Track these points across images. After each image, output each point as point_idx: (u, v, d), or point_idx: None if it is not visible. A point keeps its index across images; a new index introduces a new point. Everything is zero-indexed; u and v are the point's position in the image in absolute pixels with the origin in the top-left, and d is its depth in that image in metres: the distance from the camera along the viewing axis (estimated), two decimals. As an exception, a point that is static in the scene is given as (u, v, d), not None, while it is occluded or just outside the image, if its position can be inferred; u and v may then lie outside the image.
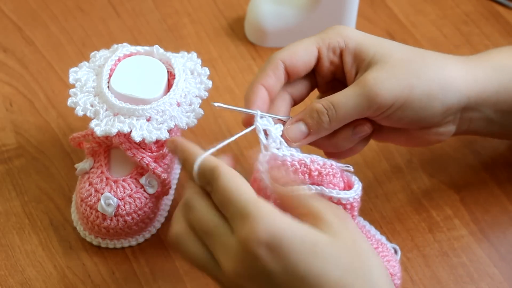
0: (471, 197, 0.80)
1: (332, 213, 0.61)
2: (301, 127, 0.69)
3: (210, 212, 0.61)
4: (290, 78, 0.71)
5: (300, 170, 0.66)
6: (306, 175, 0.66)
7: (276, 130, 0.68)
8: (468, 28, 0.95)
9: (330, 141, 0.71)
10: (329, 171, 0.66)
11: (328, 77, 0.73)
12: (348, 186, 0.68)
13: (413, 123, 0.71)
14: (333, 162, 0.67)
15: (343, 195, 0.66)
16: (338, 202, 0.66)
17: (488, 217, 0.79)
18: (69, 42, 0.92)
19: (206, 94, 0.75)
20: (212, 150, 0.63)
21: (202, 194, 0.62)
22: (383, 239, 0.74)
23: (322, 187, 0.66)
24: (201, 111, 0.74)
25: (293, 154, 0.66)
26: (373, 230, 0.74)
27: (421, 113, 0.70)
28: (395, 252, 0.74)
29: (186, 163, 0.63)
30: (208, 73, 0.76)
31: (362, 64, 0.70)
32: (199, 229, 0.61)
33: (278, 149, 0.67)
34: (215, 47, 0.92)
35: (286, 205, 0.62)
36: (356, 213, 0.68)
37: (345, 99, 0.68)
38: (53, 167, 0.81)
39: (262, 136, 0.67)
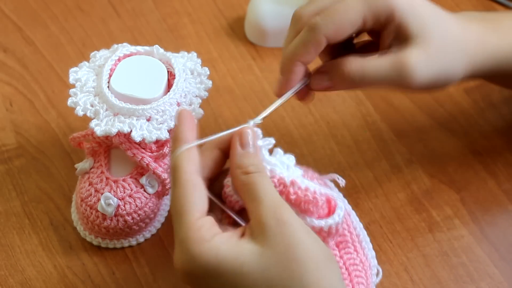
0: (471, 197, 0.80)
1: (273, 216, 0.60)
2: (325, 80, 0.69)
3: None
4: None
5: (277, 188, 0.64)
6: (283, 196, 0.64)
7: (264, 142, 0.65)
8: (468, 28, 0.95)
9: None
10: (308, 199, 0.64)
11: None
12: (332, 211, 0.66)
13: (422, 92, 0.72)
14: (318, 189, 0.65)
15: (319, 223, 0.64)
16: (314, 228, 0.64)
17: (488, 217, 0.79)
18: (69, 42, 0.92)
19: (206, 94, 0.75)
20: (195, 143, 0.63)
21: None
22: (373, 256, 0.71)
23: (296, 210, 0.64)
24: (201, 111, 0.74)
25: (273, 170, 0.64)
26: (366, 243, 0.72)
27: (435, 89, 0.71)
28: (377, 274, 0.72)
29: (172, 145, 0.63)
30: (208, 73, 0.76)
31: (402, 35, 0.68)
32: None
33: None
34: (215, 47, 0.92)
35: (240, 196, 0.62)
36: (339, 237, 0.68)
37: (376, 71, 0.68)
38: (53, 167, 0.81)
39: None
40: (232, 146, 0.64)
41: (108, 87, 0.74)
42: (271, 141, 0.65)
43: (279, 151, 0.65)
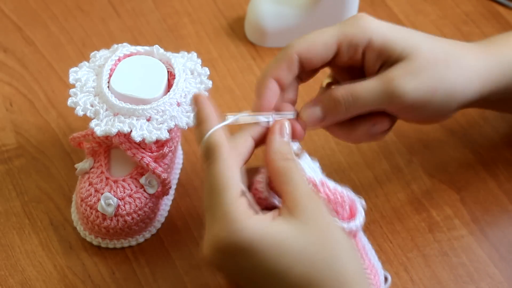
0: (471, 197, 0.80)
1: (310, 200, 0.61)
2: (317, 111, 0.69)
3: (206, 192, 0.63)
4: (303, 69, 0.69)
5: None
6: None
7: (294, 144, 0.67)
8: (468, 28, 0.95)
9: (348, 135, 0.71)
10: (337, 199, 0.66)
11: (342, 67, 0.71)
12: (352, 215, 0.67)
13: (427, 119, 0.72)
14: (344, 190, 0.67)
15: (342, 225, 0.66)
16: None
17: (488, 217, 0.79)
18: (69, 42, 0.92)
19: (206, 94, 0.75)
20: (225, 123, 0.64)
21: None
22: (379, 264, 0.72)
23: None
24: (201, 111, 0.74)
25: (304, 171, 0.66)
26: (372, 254, 0.72)
27: (438, 111, 0.70)
28: (386, 280, 0.72)
29: (198, 128, 0.64)
30: (208, 73, 0.76)
31: (388, 59, 0.69)
32: None
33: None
34: (215, 47, 0.92)
35: (275, 179, 0.63)
36: (359, 234, 0.69)
37: (366, 93, 0.68)
38: (53, 167, 0.81)
39: None
40: (272, 132, 0.66)
41: (108, 87, 0.74)
42: (298, 146, 0.68)
43: (306, 155, 0.68)
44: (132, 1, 0.96)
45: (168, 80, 0.76)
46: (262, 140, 0.67)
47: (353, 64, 0.70)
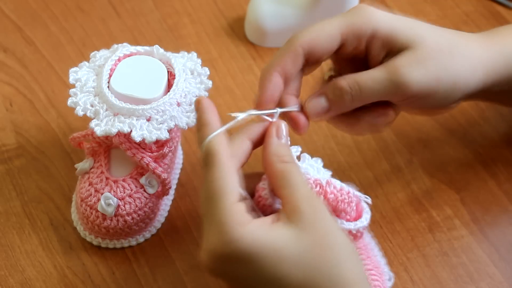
0: (471, 197, 0.80)
1: (308, 204, 0.61)
2: (322, 102, 0.69)
3: (203, 198, 0.63)
4: (307, 62, 0.69)
5: (315, 189, 0.65)
6: (321, 196, 0.65)
7: (292, 149, 0.66)
8: (468, 28, 0.95)
9: (351, 127, 0.71)
10: (344, 198, 0.66)
11: (346, 58, 0.71)
12: (359, 215, 0.67)
13: (431, 109, 0.72)
14: (351, 189, 0.67)
15: (349, 226, 0.66)
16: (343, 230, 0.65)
17: (488, 217, 0.79)
18: (69, 42, 0.92)
19: (206, 94, 0.75)
20: (225, 127, 0.63)
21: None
22: (382, 262, 0.72)
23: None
24: (201, 111, 0.74)
25: (307, 172, 0.65)
26: (376, 251, 0.72)
27: (442, 101, 0.70)
28: (389, 279, 0.72)
29: (199, 132, 0.64)
30: (208, 73, 0.76)
31: (392, 49, 0.68)
32: None
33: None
34: (215, 47, 0.92)
35: (273, 183, 0.63)
36: (365, 235, 0.69)
37: (371, 82, 0.67)
38: (53, 167, 0.81)
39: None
40: (268, 135, 0.65)
41: (108, 87, 0.74)
42: (298, 148, 0.67)
43: (306, 156, 0.67)
44: (132, 1, 0.96)
45: (168, 80, 0.76)
46: (259, 142, 0.67)
47: (356, 54, 0.70)
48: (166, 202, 0.78)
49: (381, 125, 0.71)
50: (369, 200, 0.68)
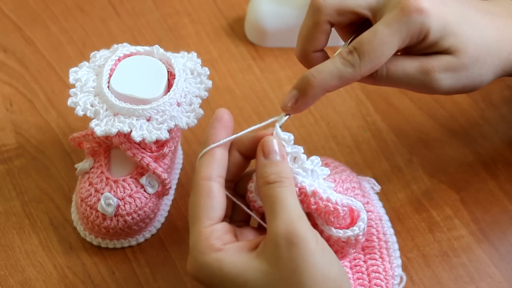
0: (471, 197, 0.80)
1: (286, 236, 0.59)
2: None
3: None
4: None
5: (299, 198, 0.64)
6: (304, 205, 0.64)
7: (292, 149, 0.65)
8: (468, 28, 0.95)
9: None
10: (330, 210, 0.64)
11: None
12: (354, 222, 0.66)
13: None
14: (340, 199, 0.64)
15: (337, 233, 0.65)
16: (332, 237, 0.65)
17: (488, 217, 0.79)
18: (69, 42, 0.92)
19: (206, 94, 0.75)
20: (211, 146, 0.64)
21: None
22: (398, 265, 0.71)
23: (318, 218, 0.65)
24: (201, 111, 0.74)
25: (295, 178, 0.64)
26: (393, 251, 0.72)
27: (469, 91, 0.71)
28: (400, 281, 0.71)
29: (202, 146, 0.64)
30: (208, 73, 0.76)
31: (434, 50, 0.67)
32: None
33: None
34: (215, 47, 0.92)
35: (263, 205, 0.62)
36: (365, 242, 0.70)
37: (401, 73, 0.67)
38: (53, 167, 0.81)
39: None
40: (256, 156, 0.64)
41: (108, 87, 0.74)
42: (300, 149, 0.65)
43: (302, 157, 0.65)
44: (132, 1, 0.96)
45: (168, 80, 0.75)
46: (252, 154, 0.66)
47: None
48: (166, 202, 0.78)
49: None
50: (376, 198, 0.67)
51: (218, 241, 0.60)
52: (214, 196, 0.62)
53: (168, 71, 0.76)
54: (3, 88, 0.87)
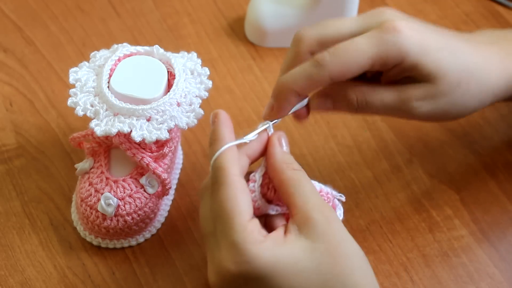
0: (471, 197, 0.80)
1: (321, 213, 0.61)
2: (328, 104, 0.69)
3: (207, 217, 0.63)
4: None
5: None
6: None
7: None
8: (468, 28, 0.95)
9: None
10: (324, 199, 0.65)
11: None
12: (334, 209, 0.67)
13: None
14: (329, 190, 0.66)
15: None
16: None
17: (488, 217, 0.79)
18: (69, 42, 0.92)
19: (206, 94, 0.75)
20: (236, 142, 0.64)
21: (208, 192, 0.63)
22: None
23: None
24: (201, 111, 0.74)
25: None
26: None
27: (448, 120, 0.72)
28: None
29: (210, 146, 0.64)
30: (208, 73, 0.76)
31: (412, 76, 0.67)
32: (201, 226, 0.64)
33: None
34: (215, 47, 0.92)
35: (283, 190, 0.63)
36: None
37: (380, 103, 0.68)
38: (53, 167, 0.81)
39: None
40: (271, 145, 0.65)
41: (108, 87, 0.74)
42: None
43: None
44: (132, 1, 0.96)
45: (168, 80, 0.76)
46: (256, 157, 0.66)
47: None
48: (166, 202, 0.78)
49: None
50: (343, 198, 0.67)
51: (260, 234, 0.60)
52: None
53: (168, 71, 0.76)
54: (3, 88, 0.87)
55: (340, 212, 0.67)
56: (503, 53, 0.71)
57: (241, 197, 0.61)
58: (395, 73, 0.68)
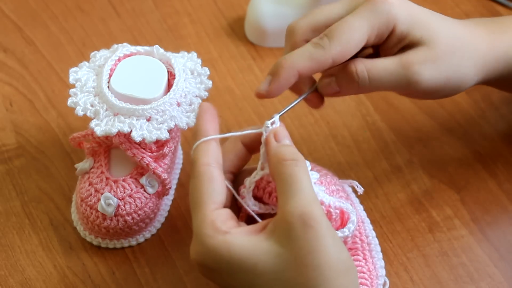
0: (471, 197, 0.80)
1: (298, 219, 0.58)
2: (333, 84, 0.69)
3: None
4: None
5: None
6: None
7: None
8: (468, 28, 0.95)
9: None
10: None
11: None
12: (344, 224, 0.66)
13: (432, 99, 0.74)
14: (333, 202, 0.65)
15: None
16: None
17: (488, 217, 0.79)
18: (69, 42, 0.92)
19: (206, 94, 0.75)
20: (212, 137, 0.64)
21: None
22: (379, 265, 0.70)
23: None
24: (201, 111, 0.74)
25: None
26: (375, 252, 0.71)
27: (443, 96, 0.71)
28: (384, 285, 0.70)
29: (193, 139, 0.64)
30: (208, 73, 0.76)
31: (408, 43, 0.68)
32: None
33: None
34: (215, 47, 0.92)
35: (276, 184, 0.62)
36: (369, 235, 0.70)
37: (383, 72, 0.68)
38: (53, 167, 0.81)
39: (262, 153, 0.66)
40: (267, 142, 0.64)
41: (108, 87, 0.74)
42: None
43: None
44: (132, 1, 0.96)
45: (168, 80, 0.75)
46: (254, 146, 0.66)
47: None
48: (166, 202, 0.78)
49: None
50: (357, 202, 0.67)
51: (223, 225, 0.59)
52: (216, 181, 0.62)
53: (168, 71, 0.76)
54: (3, 88, 0.87)
55: (351, 226, 0.65)
56: (489, 31, 0.73)
57: (207, 187, 0.61)
58: (391, 45, 0.69)
